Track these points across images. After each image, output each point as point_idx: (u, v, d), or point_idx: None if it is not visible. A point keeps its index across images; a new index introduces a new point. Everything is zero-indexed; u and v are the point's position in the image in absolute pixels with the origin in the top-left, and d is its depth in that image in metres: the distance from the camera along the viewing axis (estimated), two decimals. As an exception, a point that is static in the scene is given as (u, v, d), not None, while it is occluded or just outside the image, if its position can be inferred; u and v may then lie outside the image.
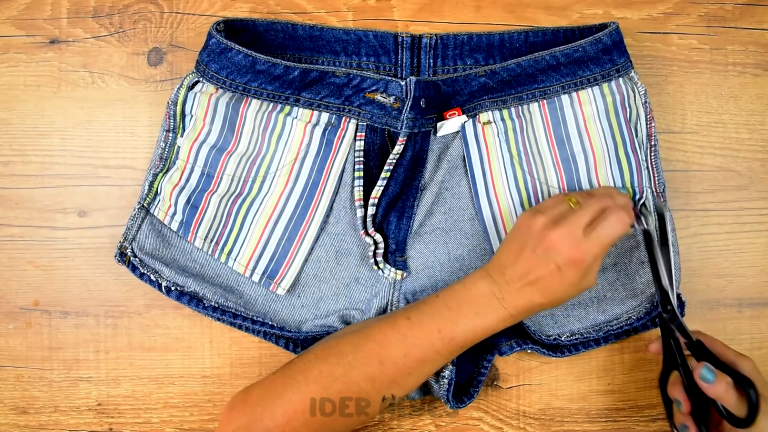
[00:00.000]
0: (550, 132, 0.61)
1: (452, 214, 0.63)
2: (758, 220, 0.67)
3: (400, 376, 0.54)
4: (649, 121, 0.61)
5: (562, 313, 0.63)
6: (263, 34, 0.64)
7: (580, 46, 0.59)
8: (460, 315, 0.53)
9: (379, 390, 0.54)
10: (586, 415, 0.67)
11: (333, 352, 0.55)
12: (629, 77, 0.61)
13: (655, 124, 0.63)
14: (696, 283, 0.67)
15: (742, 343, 0.67)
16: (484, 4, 0.66)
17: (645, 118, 0.61)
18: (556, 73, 0.60)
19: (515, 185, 0.62)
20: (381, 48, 0.64)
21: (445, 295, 0.55)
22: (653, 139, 0.62)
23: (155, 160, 0.63)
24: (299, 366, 0.55)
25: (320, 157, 0.61)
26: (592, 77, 0.60)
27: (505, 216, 0.62)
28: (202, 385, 0.66)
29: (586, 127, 0.61)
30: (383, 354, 0.54)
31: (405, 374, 0.54)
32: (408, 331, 0.54)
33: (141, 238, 0.63)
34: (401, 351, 0.53)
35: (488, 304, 0.53)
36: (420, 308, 0.55)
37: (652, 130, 0.61)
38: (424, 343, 0.53)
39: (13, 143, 0.66)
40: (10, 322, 0.66)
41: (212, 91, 0.62)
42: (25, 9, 0.66)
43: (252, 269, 0.62)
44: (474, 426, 0.66)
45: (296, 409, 0.53)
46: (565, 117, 0.61)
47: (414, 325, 0.54)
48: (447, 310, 0.54)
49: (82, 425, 0.66)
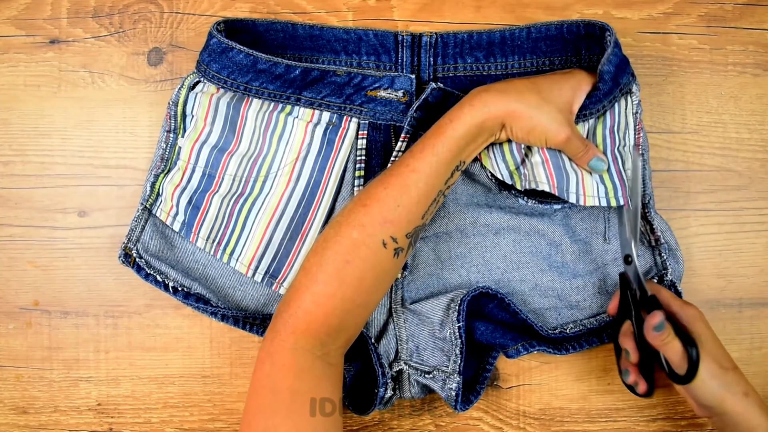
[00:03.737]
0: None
1: (453, 218, 0.63)
2: (758, 220, 0.67)
3: (387, 211, 0.52)
4: (637, 131, 0.61)
5: (565, 305, 0.63)
6: (263, 33, 0.64)
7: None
8: (430, 129, 0.54)
9: (373, 235, 0.52)
10: (586, 415, 0.67)
11: (329, 226, 0.54)
12: (630, 90, 0.61)
13: (645, 134, 0.62)
14: (696, 283, 0.67)
15: (742, 343, 0.67)
16: (484, 4, 0.66)
17: (633, 128, 0.61)
18: None
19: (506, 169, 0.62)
20: (381, 47, 0.64)
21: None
22: (641, 149, 0.61)
23: (156, 160, 0.63)
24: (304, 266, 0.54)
25: (321, 157, 0.61)
26: (601, 107, 0.60)
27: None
28: (202, 385, 0.66)
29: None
30: (364, 198, 0.53)
31: (391, 207, 0.52)
32: (383, 172, 0.54)
33: (145, 239, 0.63)
34: (380, 186, 0.53)
35: (456, 109, 0.54)
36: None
37: (640, 140, 0.61)
38: (399, 168, 0.53)
39: (13, 143, 0.66)
40: (10, 322, 0.66)
41: (213, 91, 0.62)
42: (25, 9, 0.66)
43: (254, 269, 0.62)
44: (474, 426, 0.66)
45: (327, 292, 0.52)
46: None
47: (391, 166, 0.54)
48: (422, 137, 0.54)
49: (82, 425, 0.66)
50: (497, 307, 0.63)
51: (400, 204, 0.52)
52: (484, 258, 0.64)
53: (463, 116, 0.53)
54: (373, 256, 0.52)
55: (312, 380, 0.51)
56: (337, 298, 0.51)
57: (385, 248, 0.52)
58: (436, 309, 0.61)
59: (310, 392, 0.50)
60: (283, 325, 0.51)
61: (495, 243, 0.64)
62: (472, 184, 0.63)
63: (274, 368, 0.51)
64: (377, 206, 0.52)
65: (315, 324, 0.51)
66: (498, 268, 0.64)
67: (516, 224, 0.63)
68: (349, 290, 0.52)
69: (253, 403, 0.51)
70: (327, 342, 0.52)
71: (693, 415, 0.67)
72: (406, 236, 0.53)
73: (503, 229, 0.63)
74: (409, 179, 0.52)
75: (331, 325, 0.51)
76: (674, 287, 0.63)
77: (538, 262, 0.63)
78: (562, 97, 0.55)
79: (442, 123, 0.53)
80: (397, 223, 0.52)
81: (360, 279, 0.52)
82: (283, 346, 0.51)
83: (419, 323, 0.63)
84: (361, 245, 0.51)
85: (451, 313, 0.60)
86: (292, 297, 0.52)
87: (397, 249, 0.53)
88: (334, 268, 0.51)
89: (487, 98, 0.53)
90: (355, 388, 0.65)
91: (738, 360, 0.67)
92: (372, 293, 0.53)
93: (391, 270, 0.54)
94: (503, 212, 0.63)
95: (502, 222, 0.63)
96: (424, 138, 0.54)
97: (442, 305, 0.61)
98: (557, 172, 0.57)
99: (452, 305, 0.60)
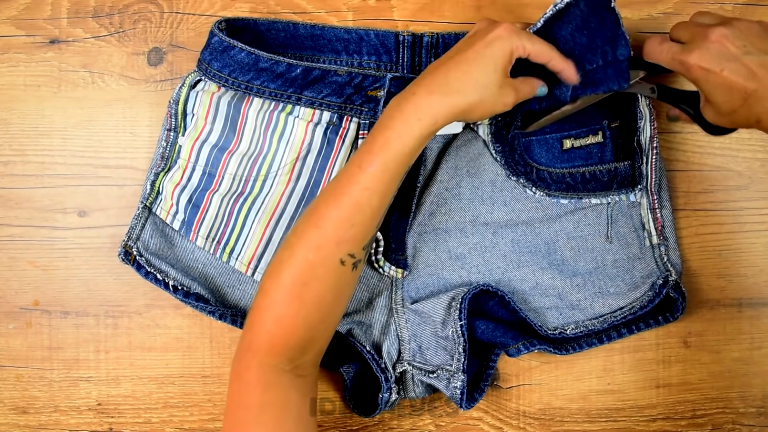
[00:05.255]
0: None
1: (453, 215, 0.63)
2: (758, 220, 0.67)
3: (342, 231, 0.51)
4: (653, 122, 0.62)
5: (566, 305, 0.63)
6: (264, 33, 0.64)
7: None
8: (372, 141, 0.52)
9: (329, 256, 0.51)
10: (586, 415, 0.67)
11: (282, 247, 0.53)
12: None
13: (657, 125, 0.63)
14: (696, 283, 0.67)
15: (742, 343, 0.67)
16: (484, 4, 0.66)
17: (650, 119, 0.62)
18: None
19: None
20: (382, 47, 0.64)
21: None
22: (655, 141, 0.62)
23: (156, 159, 0.63)
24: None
25: (322, 156, 0.62)
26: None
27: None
28: (202, 385, 0.66)
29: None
30: (315, 218, 0.51)
31: (346, 227, 0.51)
32: (329, 187, 0.53)
33: (146, 237, 0.63)
34: (331, 205, 0.51)
35: (390, 116, 0.52)
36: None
37: (655, 132, 0.62)
38: (349, 187, 0.51)
39: (13, 143, 0.66)
40: (10, 322, 0.66)
41: (214, 89, 0.62)
42: (25, 9, 0.66)
43: (254, 268, 0.62)
44: (474, 426, 0.66)
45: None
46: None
47: (334, 180, 0.53)
48: (362, 149, 0.52)
49: (82, 425, 0.66)
50: (497, 304, 0.63)
51: (354, 224, 0.51)
52: (484, 258, 0.64)
53: (411, 130, 0.51)
54: (331, 274, 0.52)
55: (280, 392, 0.51)
56: (299, 317, 0.51)
57: (343, 265, 0.52)
58: (438, 308, 0.61)
59: (279, 403, 0.51)
60: (248, 346, 0.52)
61: (494, 243, 0.64)
62: (478, 176, 0.63)
63: (242, 385, 0.51)
64: (331, 228, 0.51)
65: (278, 344, 0.51)
66: (498, 267, 0.64)
67: (516, 223, 0.63)
68: (310, 309, 0.52)
69: (226, 422, 0.52)
70: (294, 357, 0.52)
71: (693, 415, 0.67)
72: (363, 249, 0.53)
73: (502, 227, 0.63)
74: (361, 198, 0.51)
75: (295, 343, 0.52)
76: (679, 288, 0.63)
77: (538, 261, 0.63)
78: (497, 72, 0.52)
79: (389, 136, 0.51)
80: (353, 241, 0.52)
81: (320, 298, 0.52)
82: (249, 365, 0.51)
83: (421, 323, 0.63)
84: (318, 266, 0.51)
85: (452, 312, 0.60)
86: (254, 320, 0.52)
87: (356, 262, 0.53)
88: (293, 290, 0.51)
89: (433, 109, 0.51)
90: (358, 391, 0.65)
91: (738, 360, 0.67)
92: (334, 307, 0.54)
93: (351, 281, 0.54)
94: (504, 209, 0.63)
95: (501, 221, 0.63)
96: (370, 150, 0.51)
97: (443, 304, 0.61)
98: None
99: (453, 303, 0.60)
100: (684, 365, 0.67)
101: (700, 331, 0.67)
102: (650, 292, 0.62)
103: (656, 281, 0.62)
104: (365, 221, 0.52)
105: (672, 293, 0.62)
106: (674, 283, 0.62)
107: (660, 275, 0.62)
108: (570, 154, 0.64)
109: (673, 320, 0.63)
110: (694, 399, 0.67)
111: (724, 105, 0.52)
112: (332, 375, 0.66)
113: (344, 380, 0.65)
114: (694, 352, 0.67)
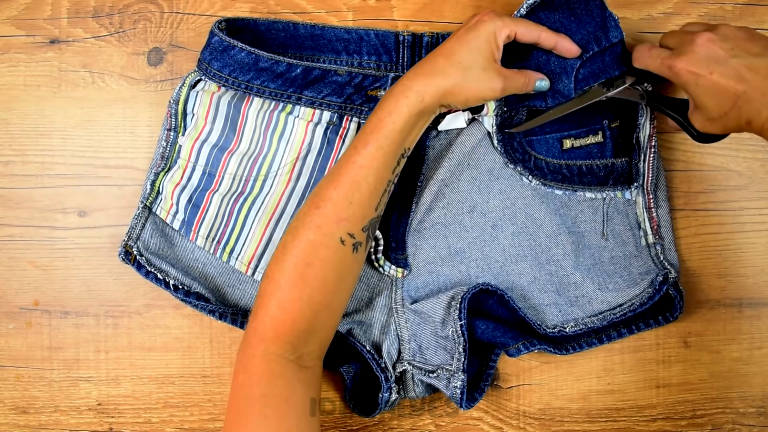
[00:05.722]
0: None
1: (451, 207, 0.63)
2: (758, 220, 0.67)
3: (341, 209, 0.53)
4: (652, 121, 0.62)
5: (565, 301, 0.63)
6: (264, 33, 0.64)
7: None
8: (367, 124, 0.55)
9: (329, 234, 0.53)
10: (586, 415, 0.67)
11: (286, 232, 0.55)
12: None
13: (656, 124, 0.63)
14: (696, 283, 0.67)
15: (742, 343, 0.67)
16: (484, 4, 0.66)
17: (650, 117, 0.62)
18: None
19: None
20: (382, 47, 0.64)
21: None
22: (653, 140, 0.62)
23: (156, 159, 0.63)
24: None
25: (322, 156, 0.62)
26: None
27: None
28: (202, 385, 0.66)
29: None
30: (317, 199, 0.54)
31: (344, 204, 0.53)
32: (329, 172, 0.55)
33: (146, 237, 0.63)
34: (330, 186, 0.53)
35: (383, 100, 0.55)
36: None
37: (654, 131, 0.62)
38: (346, 166, 0.54)
39: (13, 143, 0.66)
40: (10, 322, 0.66)
41: (214, 89, 0.62)
42: (25, 9, 0.66)
43: (254, 268, 0.62)
44: (474, 426, 0.67)
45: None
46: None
47: (335, 165, 0.55)
48: (359, 133, 0.55)
49: (82, 425, 0.66)
50: (497, 303, 0.63)
51: (352, 201, 0.53)
52: (483, 252, 0.64)
53: (400, 108, 0.53)
54: (332, 254, 0.53)
55: (284, 384, 0.52)
56: (303, 300, 0.52)
57: (343, 245, 0.53)
58: (437, 307, 0.61)
59: (283, 396, 0.51)
60: (253, 334, 0.52)
61: (493, 237, 0.64)
62: (477, 167, 0.63)
63: (247, 377, 0.52)
64: (330, 206, 0.53)
65: (283, 329, 0.52)
66: (497, 261, 0.64)
67: (513, 214, 0.63)
68: (313, 291, 0.52)
69: (229, 415, 0.52)
70: (298, 345, 0.53)
71: (693, 415, 0.67)
72: (363, 230, 0.54)
73: (501, 220, 0.63)
74: (358, 176, 0.53)
75: (299, 329, 0.52)
76: (677, 287, 0.63)
77: (537, 255, 0.63)
78: (481, 54, 0.54)
79: (381, 116, 0.54)
80: (352, 220, 0.53)
81: (323, 279, 0.53)
82: (254, 354, 0.52)
83: (421, 322, 0.63)
84: (320, 246, 0.52)
85: (452, 312, 0.60)
86: (259, 305, 0.53)
87: (356, 244, 0.54)
88: (296, 271, 0.52)
89: (418, 87, 0.54)
90: (358, 391, 0.65)
91: (738, 360, 0.67)
92: (337, 292, 0.54)
93: (353, 266, 0.55)
94: (500, 197, 0.63)
95: (498, 211, 0.63)
96: (365, 132, 0.54)
97: (443, 303, 0.61)
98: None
99: (453, 303, 0.60)
100: (684, 365, 0.67)
101: (700, 331, 0.67)
102: (650, 288, 0.62)
103: (656, 278, 0.62)
104: (362, 200, 0.53)
105: (671, 291, 0.62)
106: (674, 280, 0.62)
107: (659, 272, 0.62)
108: (570, 153, 0.64)
109: (673, 320, 0.63)
110: (694, 399, 0.67)
111: (713, 108, 0.53)
112: (332, 375, 0.66)
113: (344, 380, 0.65)
114: (694, 352, 0.67)
